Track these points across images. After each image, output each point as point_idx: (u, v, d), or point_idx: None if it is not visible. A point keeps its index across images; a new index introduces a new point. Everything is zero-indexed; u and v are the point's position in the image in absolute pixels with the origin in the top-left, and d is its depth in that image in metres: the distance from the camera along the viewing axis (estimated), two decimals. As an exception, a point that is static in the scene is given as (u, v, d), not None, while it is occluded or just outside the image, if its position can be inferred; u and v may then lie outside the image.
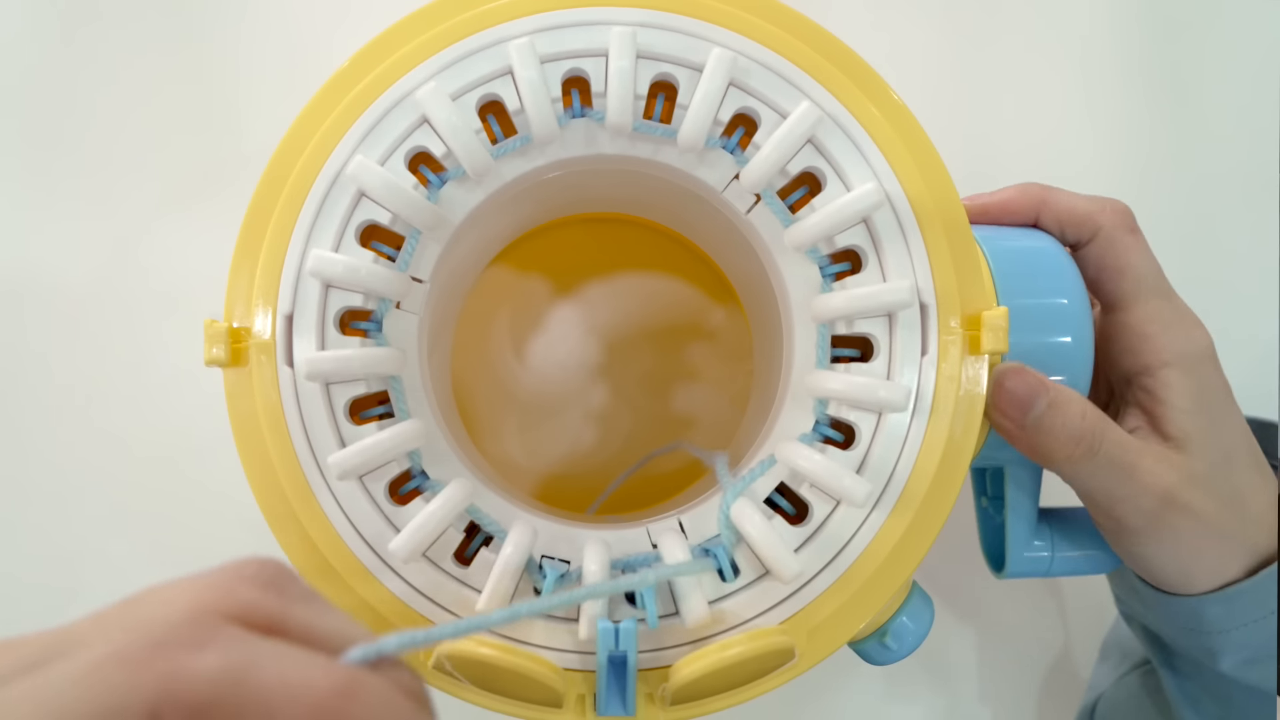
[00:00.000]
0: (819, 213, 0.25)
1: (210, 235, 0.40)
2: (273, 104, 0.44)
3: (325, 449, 0.25)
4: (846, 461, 0.25)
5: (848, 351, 0.26)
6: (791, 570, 0.24)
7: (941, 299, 0.26)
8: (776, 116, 0.26)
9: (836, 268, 0.26)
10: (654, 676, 0.25)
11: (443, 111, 0.25)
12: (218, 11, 0.45)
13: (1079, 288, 0.29)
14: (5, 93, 0.44)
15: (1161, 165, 0.48)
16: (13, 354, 0.43)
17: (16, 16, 0.44)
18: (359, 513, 0.25)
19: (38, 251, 0.43)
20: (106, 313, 0.43)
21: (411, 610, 0.25)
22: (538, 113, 0.25)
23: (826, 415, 0.26)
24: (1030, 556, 0.32)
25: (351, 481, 0.25)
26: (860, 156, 0.26)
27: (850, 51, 0.26)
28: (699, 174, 0.27)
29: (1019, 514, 0.32)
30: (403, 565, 0.25)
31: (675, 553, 0.25)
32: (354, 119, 0.25)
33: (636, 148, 0.27)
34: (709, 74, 0.25)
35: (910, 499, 0.25)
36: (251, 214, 0.26)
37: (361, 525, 0.25)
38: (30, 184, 0.43)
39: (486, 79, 0.26)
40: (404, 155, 0.25)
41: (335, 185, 0.25)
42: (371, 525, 0.25)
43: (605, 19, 0.26)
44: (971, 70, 0.48)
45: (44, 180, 0.44)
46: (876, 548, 0.25)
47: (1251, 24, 0.49)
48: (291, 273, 0.25)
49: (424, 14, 0.26)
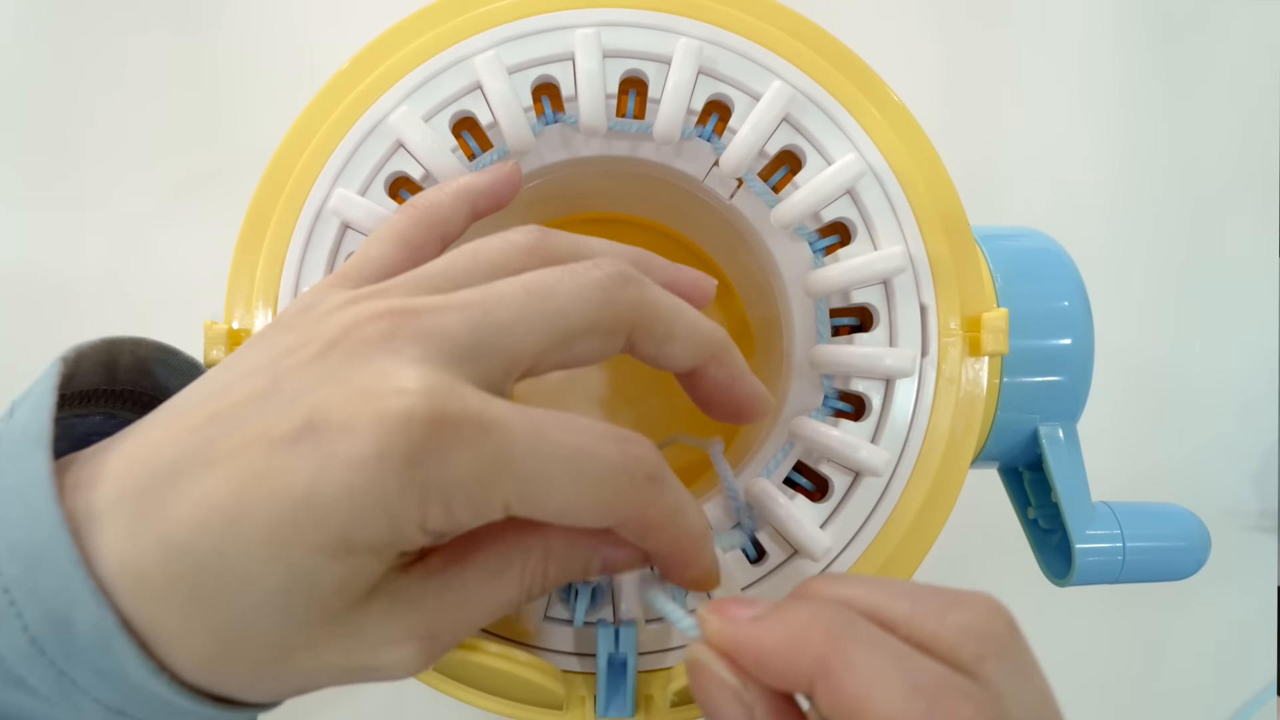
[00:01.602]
0: (802, 189, 0.25)
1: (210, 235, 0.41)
2: (273, 105, 0.45)
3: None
4: (861, 432, 0.25)
5: (847, 321, 0.26)
6: (822, 546, 0.24)
7: (941, 300, 0.26)
8: (749, 99, 0.26)
9: (826, 241, 0.26)
10: (654, 678, 0.25)
11: (416, 134, 0.25)
12: (218, 14, 0.45)
13: (1080, 289, 0.29)
14: (6, 93, 0.44)
15: (1161, 166, 0.49)
16: (13, 354, 0.43)
17: (17, 17, 0.45)
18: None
19: (38, 252, 0.44)
20: (106, 312, 0.44)
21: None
22: (511, 124, 0.25)
23: (834, 389, 0.26)
24: (1095, 534, 0.28)
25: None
26: (838, 130, 0.26)
27: (817, 27, 0.26)
28: (678, 165, 0.27)
29: (1067, 478, 0.29)
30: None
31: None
32: (331, 150, 0.25)
33: (613, 147, 0.27)
34: (677, 65, 0.25)
35: (928, 463, 0.25)
36: (245, 233, 0.26)
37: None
38: (31, 184, 0.45)
39: (457, 96, 0.26)
40: (384, 182, 0.25)
41: (319, 220, 0.25)
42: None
43: (567, 23, 0.26)
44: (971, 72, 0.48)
45: (44, 181, 0.45)
46: (900, 516, 0.25)
47: (1251, 24, 0.50)
48: (290, 284, 0.25)
49: (388, 37, 0.26)
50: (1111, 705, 0.47)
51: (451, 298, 0.18)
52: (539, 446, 0.17)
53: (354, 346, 0.17)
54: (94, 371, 0.21)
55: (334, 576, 0.16)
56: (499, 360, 0.18)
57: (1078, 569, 0.29)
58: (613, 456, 0.17)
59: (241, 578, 0.16)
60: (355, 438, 0.15)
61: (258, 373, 0.17)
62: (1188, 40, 0.49)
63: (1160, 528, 0.29)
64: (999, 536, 0.34)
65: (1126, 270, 0.49)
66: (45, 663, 0.16)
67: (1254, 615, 0.48)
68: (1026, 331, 0.28)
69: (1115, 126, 0.49)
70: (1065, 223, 0.48)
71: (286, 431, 0.16)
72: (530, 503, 0.17)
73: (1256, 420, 0.49)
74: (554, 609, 0.25)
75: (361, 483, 0.15)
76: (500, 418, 0.16)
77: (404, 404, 0.16)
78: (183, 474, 0.16)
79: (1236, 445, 0.49)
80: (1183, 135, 0.49)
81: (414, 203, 0.23)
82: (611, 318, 0.19)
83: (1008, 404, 0.29)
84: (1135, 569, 0.29)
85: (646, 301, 0.19)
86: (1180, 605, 0.47)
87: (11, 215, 0.44)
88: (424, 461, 0.16)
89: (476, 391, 0.17)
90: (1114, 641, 0.48)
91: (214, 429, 0.16)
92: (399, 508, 0.16)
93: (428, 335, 0.17)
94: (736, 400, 0.21)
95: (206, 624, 0.16)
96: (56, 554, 0.15)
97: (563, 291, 0.18)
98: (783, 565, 0.25)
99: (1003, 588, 0.45)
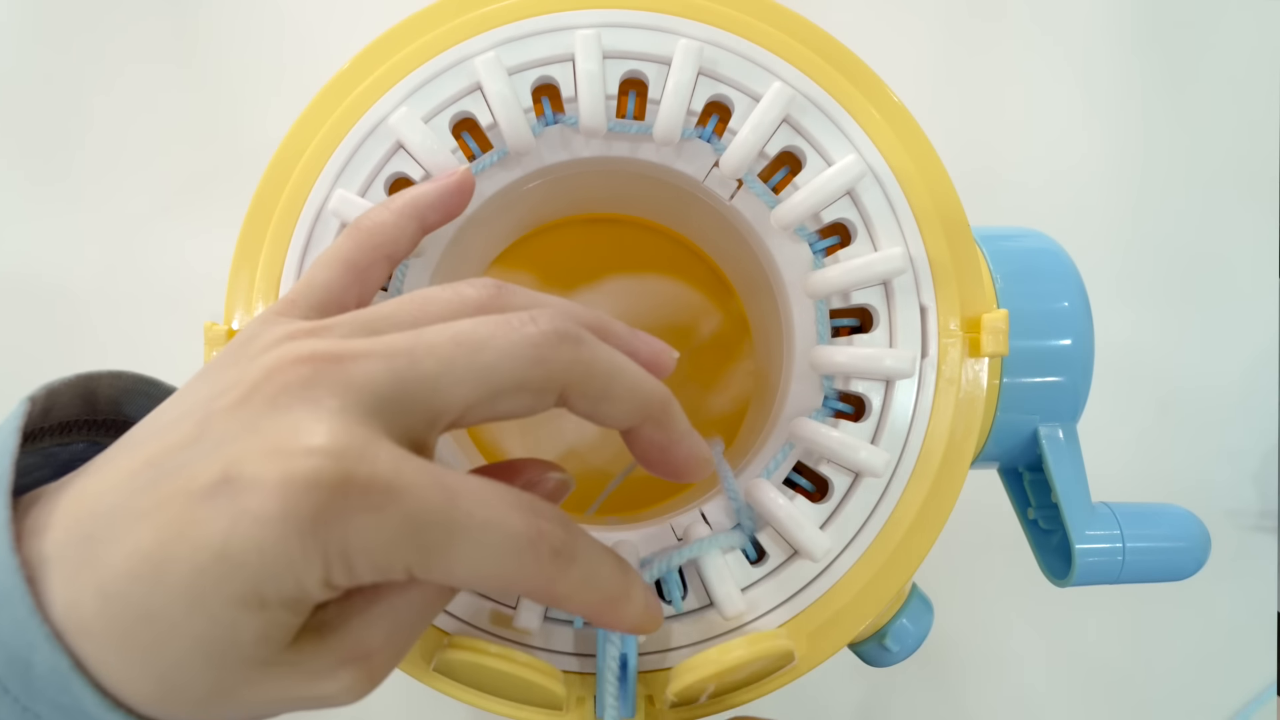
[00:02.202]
0: (802, 190, 0.25)
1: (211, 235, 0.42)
2: (273, 106, 0.45)
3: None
4: (860, 433, 0.25)
5: (847, 322, 0.26)
6: (822, 547, 0.24)
7: (941, 301, 0.26)
8: (749, 100, 0.26)
9: (826, 242, 0.26)
10: (654, 679, 0.25)
11: (416, 135, 0.25)
12: (219, 14, 0.46)
13: (1080, 289, 0.29)
14: (6, 94, 0.45)
15: (1161, 166, 0.49)
16: (13, 354, 0.44)
17: (17, 18, 0.45)
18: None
19: (39, 252, 0.44)
20: (107, 312, 0.44)
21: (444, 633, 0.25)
22: (511, 125, 0.25)
23: (834, 389, 0.26)
24: (1095, 535, 0.29)
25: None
26: (838, 131, 0.26)
27: (817, 28, 0.26)
28: (679, 166, 0.27)
29: (1067, 478, 0.29)
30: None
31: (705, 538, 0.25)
32: (331, 151, 0.25)
33: (613, 148, 0.27)
34: (677, 66, 0.25)
35: (928, 464, 0.25)
36: (246, 234, 0.26)
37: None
38: (31, 185, 0.45)
39: (457, 97, 0.26)
40: (384, 182, 0.25)
41: (319, 221, 0.25)
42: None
43: (567, 24, 0.26)
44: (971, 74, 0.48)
45: (45, 181, 0.45)
46: (900, 516, 0.25)
47: (1252, 25, 0.50)
48: (290, 285, 0.25)
49: (388, 38, 0.26)
50: (1112, 705, 0.47)
51: (378, 343, 0.18)
52: (447, 516, 0.16)
53: (274, 393, 0.17)
54: (73, 404, 0.21)
55: (253, 627, 0.16)
56: (421, 413, 0.17)
57: (1078, 569, 0.29)
58: (520, 531, 0.17)
59: (170, 626, 0.16)
60: (263, 496, 0.15)
61: (191, 414, 0.17)
62: (1188, 40, 0.49)
63: (1160, 528, 0.29)
64: (999, 535, 0.34)
65: (1127, 270, 0.49)
66: (10, 700, 0.16)
67: (1254, 615, 0.48)
68: (1026, 332, 0.28)
69: (1116, 126, 0.49)
70: (1065, 223, 0.48)
71: (205, 484, 0.16)
72: (434, 571, 0.17)
73: (1256, 420, 0.49)
74: (554, 610, 0.25)
75: (269, 540, 0.15)
76: (410, 484, 0.16)
77: (311, 466, 0.16)
78: (117, 522, 0.16)
79: (1236, 445, 0.49)
80: (1183, 135, 0.49)
81: (358, 224, 0.23)
82: (542, 376, 0.18)
83: (1008, 405, 0.29)
84: (1135, 569, 0.29)
85: (582, 360, 0.19)
86: (1180, 605, 0.47)
87: (11, 216, 0.44)
88: (328, 524, 0.16)
89: (391, 450, 0.16)
90: (1114, 641, 0.48)
91: (147, 476, 0.17)
92: (303, 567, 0.16)
93: (348, 385, 0.17)
94: (673, 462, 0.21)
95: (145, 668, 0.16)
96: (14, 600, 0.16)
97: (494, 346, 0.18)
98: (783, 566, 0.25)
99: (1002, 586, 0.45)
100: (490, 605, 0.25)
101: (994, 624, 0.46)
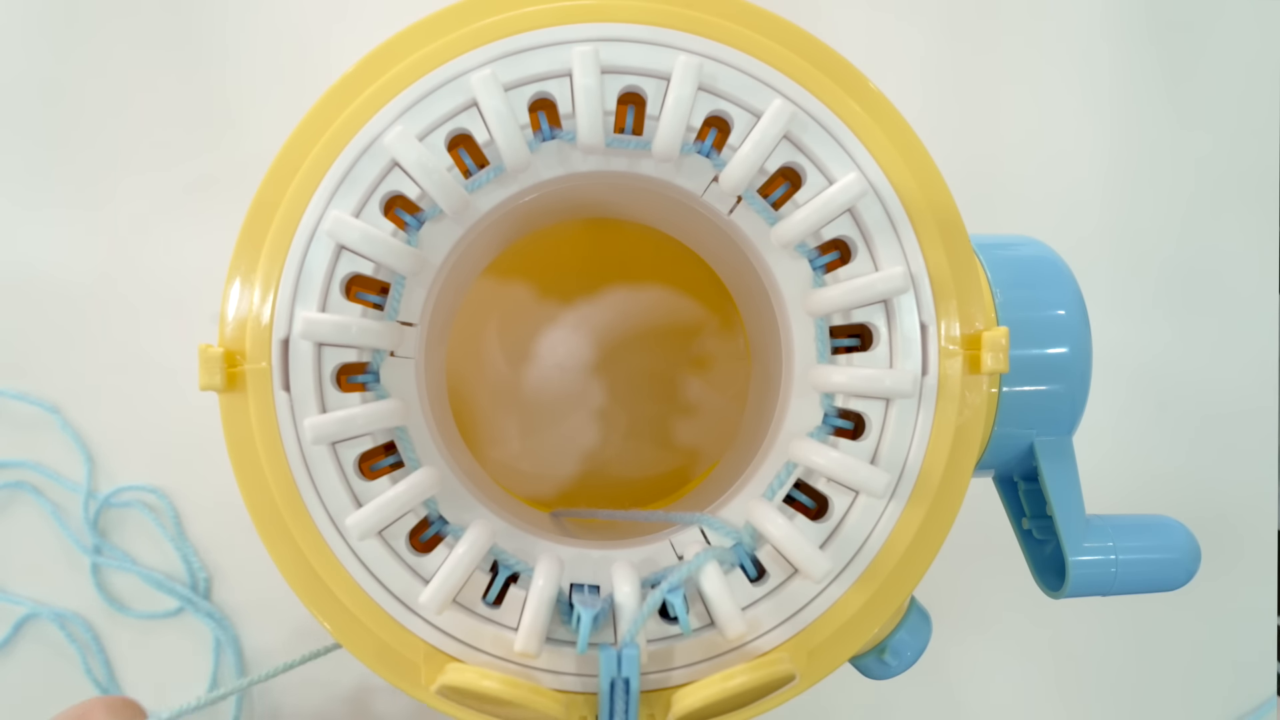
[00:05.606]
0: (803, 209, 0.25)
1: (209, 241, 0.42)
2: (274, 113, 0.44)
3: (340, 509, 0.24)
4: (860, 452, 0.25)
5: (847, 341, 0.26)
6: (822, 569, 0.24)
7: (941, 317, 0.25)
8: (749, 116, 0.25)
9: (826, 259, 0.26)
10: (656, 698, 0.25)
11: (412, 154, 0.24)
12: (219, 14, 0.45)
13: (1077, 297, 0.29)
14: (5, 93, 0.44)
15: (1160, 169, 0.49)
16: (13, 353, 0.44)
17: (17, 17, 0.44)
18: (383, 568, 0.25)
19: (37, 252, 0.44)
20: (106, 313, 0.44)
21: (450, 658, 0.25)
22: (507, 142, 0.25)
23: (834, 407, 0.26)
24: (1088, 547, 0.29)
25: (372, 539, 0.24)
26: (839, 148, 0.25)
27: (820, 43, 0.26)
28: (677, 182, 0.26)
29: (1063, 493, 0.29)
30: (435, 616, 0.25)
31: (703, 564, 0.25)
32: (325, 169, 0.25)
33: (611, 163, 0.26)
34: (676, 81, 0.25)
35: (927, 482, 0.25)
36: (238, 256, 0.25)
37: (387, 580, 0.25)
38: (30, 184, 0.44)
39: (452, 114, 0.25)
40: (379, 202, 0.25)
41: (314, 242, 0.25)
42: (398, 579, 0.25)
43: (565, 38, 0.25)
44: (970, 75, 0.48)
45: (44, 181, 0.44)
46: (899, 535, 0.25)
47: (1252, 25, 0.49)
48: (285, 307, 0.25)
49: (381, 53, 0.26)
50: (1112, 708, 0.48)
51: None
52: None
53: None
54: None
55: None
56: None
57: (1071, 582, 0.29)
58: None
59: None
60: None
61: None
62: (1187, 42, 0.49)
63: (1151, 540, 0.30)
64: (997, 542, 0.34)
65: (1125, 273, 0.48)
66: None
67: (1254, 616, 0.48)
68: (1023, 341, 0.28)
69: (1114, 130, 0.48)
70: (1063, 226, 0.48)
71: None
72: None
73: (1256, 423, 0.49)
74: (556, 630, 0.25)
75: None
76: None
77: None
78: None
79: (1236, 448, 0.49)
80: (1181, 138, 0.49)
81: None
82: None
83: (1004, 415, 0.29)
84: (1126, 581, 0.29)
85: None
86: (1180, 608, 0.47)
87: (12, 215, 0.44)
88: None
89: None
90: (1114, 645, 0.48)
91: None
92: None
93: None
94: None
95: None
96: None
97: None
98: (783, 585, 0.25)
99: (1000, 592, 0.45)
100: (491, 628, 0.25)
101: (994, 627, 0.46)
